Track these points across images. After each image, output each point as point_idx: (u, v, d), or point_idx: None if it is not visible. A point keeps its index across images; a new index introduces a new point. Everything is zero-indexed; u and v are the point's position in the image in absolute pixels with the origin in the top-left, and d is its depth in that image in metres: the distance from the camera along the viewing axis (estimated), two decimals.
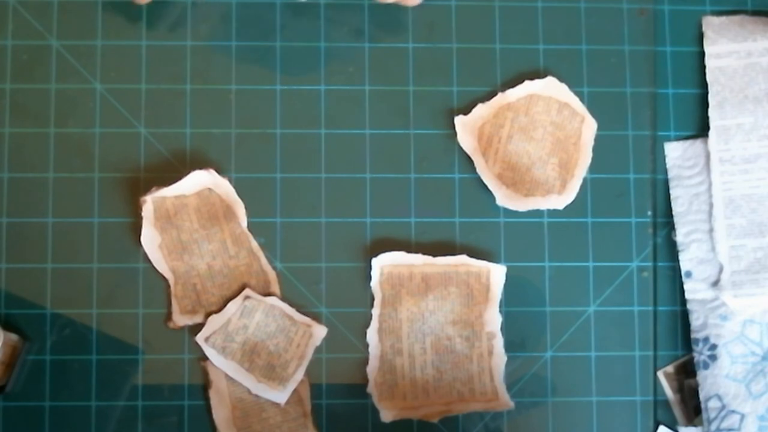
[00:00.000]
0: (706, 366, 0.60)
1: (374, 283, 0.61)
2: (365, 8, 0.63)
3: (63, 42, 0.62)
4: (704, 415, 0.60)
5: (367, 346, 0.60)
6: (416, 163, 0.62)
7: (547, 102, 0.62)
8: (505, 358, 0.60)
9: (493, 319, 0.60)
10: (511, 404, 0.60)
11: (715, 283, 0.61)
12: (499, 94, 0.62)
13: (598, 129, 0.63)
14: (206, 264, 0.60)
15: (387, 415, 0.60)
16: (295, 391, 0.59)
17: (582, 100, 0.63)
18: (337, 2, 0.63)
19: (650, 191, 0.63)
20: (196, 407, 0.59)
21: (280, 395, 0.59)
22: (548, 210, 0.62)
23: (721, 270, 0.61)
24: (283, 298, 0.60)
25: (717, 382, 0.59)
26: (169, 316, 0.60)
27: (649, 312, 0.62)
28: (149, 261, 0.60)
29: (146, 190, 0.60)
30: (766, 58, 0.62)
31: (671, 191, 0.62)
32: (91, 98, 0.61)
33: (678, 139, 0.63)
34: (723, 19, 0.64)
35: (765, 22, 0.63)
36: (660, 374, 0.61)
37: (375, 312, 0.60)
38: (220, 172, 0.60)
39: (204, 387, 0.60)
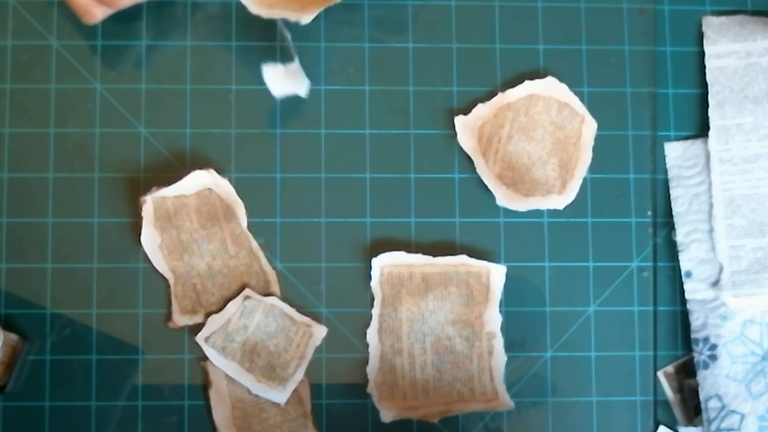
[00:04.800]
0: (706, 366, 0.60)
1: (374, 283, 0.61)
2: (365, 8, 0.63)
3: (63, 42, 0.62)
4: (704, 415, 0.60)
5: (367, 346, 0.60)
6: (416, 163, 0.62)
7: (547, 102, 0.62)
8: (505, 358, 0.60)
9: (493, 319, 0.60)
10: (511, 404, 0.60)
11: (715, 283, 0.61)
12: (499, 94, 0.62)
13: (598, 129, 0.63)
14: (206, 264, 0.60)
15: (387, 415, 0.60)
16: (295, 391, 0.59)
17: (582, 100, 0.63)
18: (337, 2, 0.63)
19: (650, 191, 0.63)
20: (196, 407, 0.59)
21: (280, 395, 0.59)
22: (548, 210, 0.62)
23: (721, 270, 0.61)
24: (283, 298, 0.60)
25: (717, 382, 0.59)
26: (169, 316, 0.60)
27: (649, 312, 0.62)
28: (149, 261, 0.60)
29: (146, 190, 0.60)
30: (766, 58, 0.62)
31: (671, 191, 0.62)
32: (91, 98, 0.61)
33: (678, 139, 0.63)
34: (723, 19, 0.64)
35: (765, 22, 0.63)
36: (660, 374, 0.61)
37: (375, 312, 0.60)
38: (220, 172, 0.60)
39: (204, 387, 0.60)
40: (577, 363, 0.61)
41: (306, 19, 0.57)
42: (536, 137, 0.62)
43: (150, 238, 0.59)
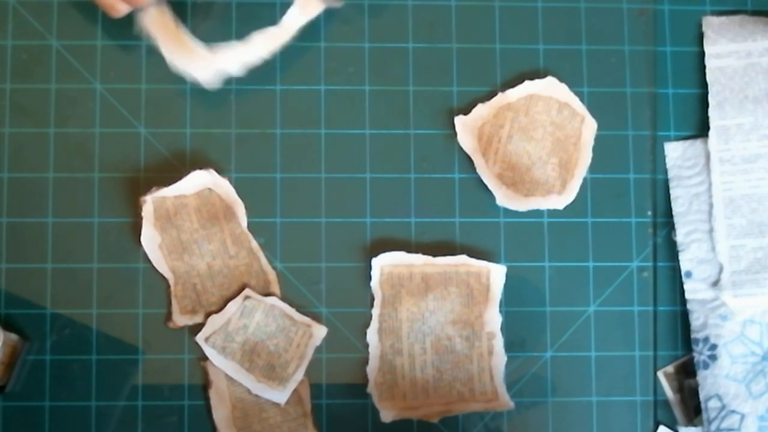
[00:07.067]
0: (706, 366, 0.60)
1: (374, 283, 0.61)
2: (365, 8, 0.63)
3: (63, 42, 0.62)
4: (704, 415, 0.60)
5: (367, 346, 0.60)
6: (416, 163, 0.62)
7: (547, 102, 0.62)
8: (505, 358, 0.60)
9: (493, 319, 0.60)
10: (511, 404, 0.60)
11: (715, 283, 0.61)
12: (499, 94, 0.62)
13: (598, 129, 0.63)
14: (206, 264, 0.60)
15: (387, 415, 0.60)
16: (295, 391, 0.59)
17: (582, 100, 0.63)
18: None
19: (650, 191, 0.63)
20: (196, 407, 0.59)
21: (280, 395, 0.59)
22: (548, 210, 0.62)
23: (721, 270, 0.61)
24: (283, 298, 0.60)
25: (717, 382, 0.59)
26: (169, 316, 0.60)
27: (649, 312, 0.62)
28: (149, 261, 0.60)
29: (146, 190, 0.60)
30: (766, 58, 0.62)
31: (671, 191, 0.62)
32: (91, 98, 0.61)
33: (678, 139, 0.63)
34: (723, 19, 0.64)
35: (765, 22, 0.63)
36: (660, 374, 0.61)
37: (375, 312, 0.60)
38: (220, 172, 0.60)
39: (204, 387, 0.60)
40: (577, 363, 0.61)
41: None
42: (536, 137, 0.62)
43: (150, 238, 0.59)
